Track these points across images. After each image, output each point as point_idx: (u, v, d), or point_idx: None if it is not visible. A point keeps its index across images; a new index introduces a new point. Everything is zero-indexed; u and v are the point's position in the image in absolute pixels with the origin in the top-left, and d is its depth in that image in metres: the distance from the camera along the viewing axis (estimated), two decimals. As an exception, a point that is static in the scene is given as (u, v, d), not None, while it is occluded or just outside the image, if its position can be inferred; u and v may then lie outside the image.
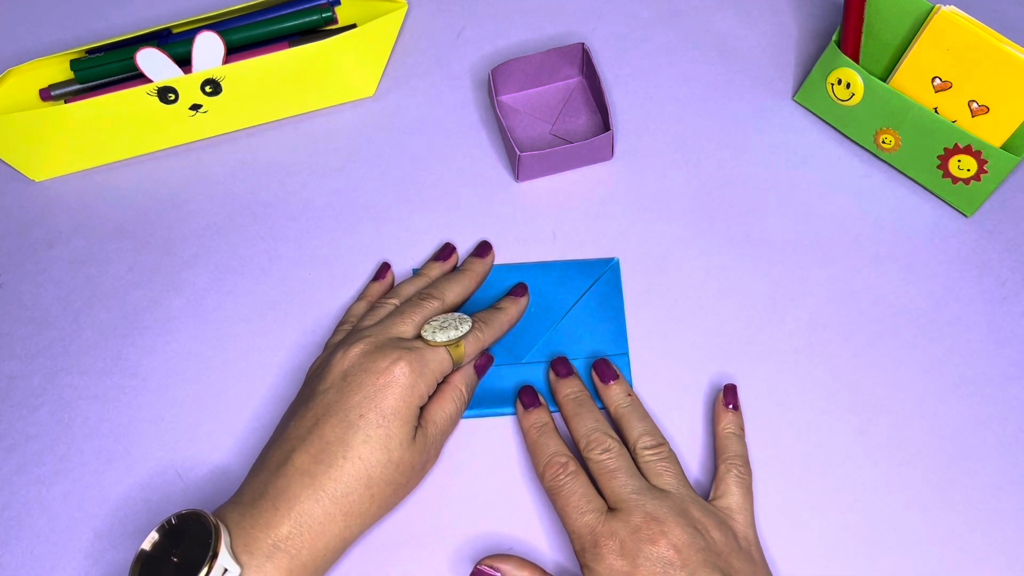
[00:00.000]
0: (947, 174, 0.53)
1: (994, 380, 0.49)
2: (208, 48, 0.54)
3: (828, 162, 0.56)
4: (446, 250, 0.53)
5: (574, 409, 0.46)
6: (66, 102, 0.56)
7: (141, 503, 0.47)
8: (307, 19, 0.58)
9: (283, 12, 0.58)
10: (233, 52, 0.56)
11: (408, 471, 0.42)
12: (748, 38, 0.62)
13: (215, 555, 0.36)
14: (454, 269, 0.52)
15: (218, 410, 0.49)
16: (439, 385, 0.45)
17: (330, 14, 0.58)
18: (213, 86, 0.55)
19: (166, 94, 0.54)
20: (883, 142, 0.54)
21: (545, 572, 0.41)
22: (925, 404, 0.49)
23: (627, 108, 0.59)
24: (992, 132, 0.50)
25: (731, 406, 0.47)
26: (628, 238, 0.54)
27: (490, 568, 0.41)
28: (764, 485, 0.46)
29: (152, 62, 0.53)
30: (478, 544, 0.45)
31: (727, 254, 0.53)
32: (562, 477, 0.43)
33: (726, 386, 0.48)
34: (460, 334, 0.44)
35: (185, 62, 0.54)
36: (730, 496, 0.44)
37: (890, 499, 0.46)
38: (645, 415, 0.46)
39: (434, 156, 0.57)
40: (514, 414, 0.48)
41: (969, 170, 0.51)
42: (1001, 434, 0.48)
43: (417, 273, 0.51)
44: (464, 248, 0.54)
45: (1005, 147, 0.51)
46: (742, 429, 0.47)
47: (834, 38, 0.54)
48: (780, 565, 0.44)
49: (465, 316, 0.46)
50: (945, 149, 0.51)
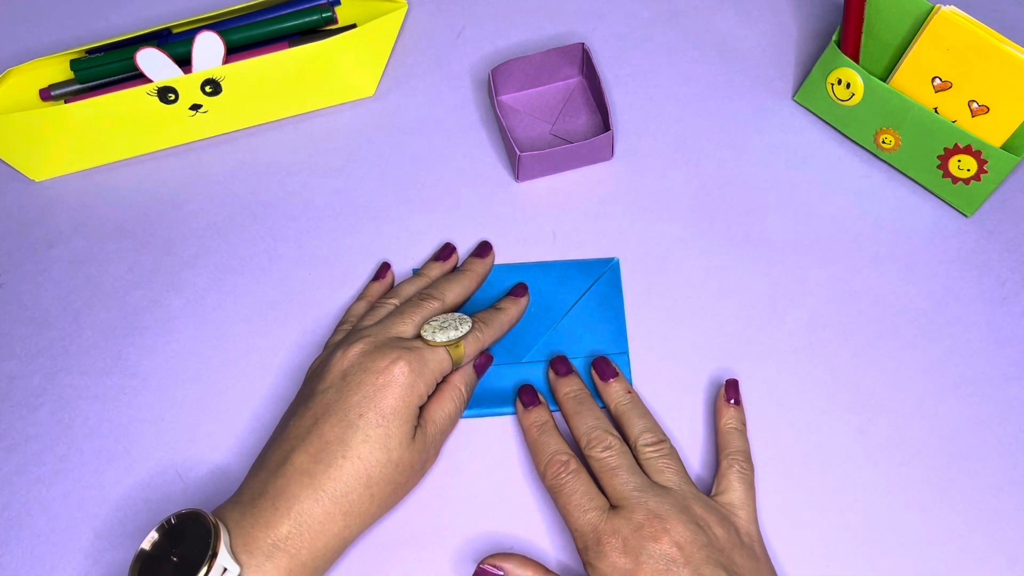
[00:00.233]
0: (947, 174, 0.53)
1: (994, 380, 0.49)
2: (208, 48, 0.54)
3: (828, 162, 0.56)
4: (446, 250, 0.53)
5: (574, 407, 0.46)
6: (66, 102, 0.56)
7: (141, 503, 0.47)
8: (307, 19, 0.58)
9: (283, 12, 0.58)
10: (233, 52, 0.56)
11: (407, 470, 0.42)
12: (748, 38, 0.62)
13: (214, 554, 0.36)
14: (454, 269, 0.52)
15: (218, 410, 0.49)
16: (438, 385, 0.45)
17: (330, 14, 0.58)
18: (213, 86, 0.55)
19: (166, 94, 0.54)
20: (883, 142, 0.54)
21: (548, 570, 0.41)
22: (925, 404, 0.49)
23: (627, 108, 0.59)
24: (992, 132, 0.50)
25: (733, 401, 0.47)
26: (628, 238, 0.54)
27: (493, 567, 0.41)
28: (765, 485, 0.46)
29: (152, 62, 0.53)
30: (479, 544, 0.45)
31: (727, 254, 0.53)
32: (563, 475, 0.43)
33: (728, 381, 0.48)
34: (460, 334, 0.44)
35: (185, 62, 0.54)
36: (732, 492, 0.44)
37: (890, 499, 0.46)
38: (645, 412, 0.46)
39: (434, 156, 0.57)
40: (514, 414, 0.48)
41: (969, 170, 0.51)
42: (1001, 434, 0.48)
43: (417, 273, 0.51)
44: (464, 248, 0.54)
45: (1005, 147, 0.51)
46: (744, 424, 0.47)
47: (834, 38, 0.54)
48: (781, 565, 0.44)
49: (465, 316, 0.46)
50: (945, 149, 0.51)
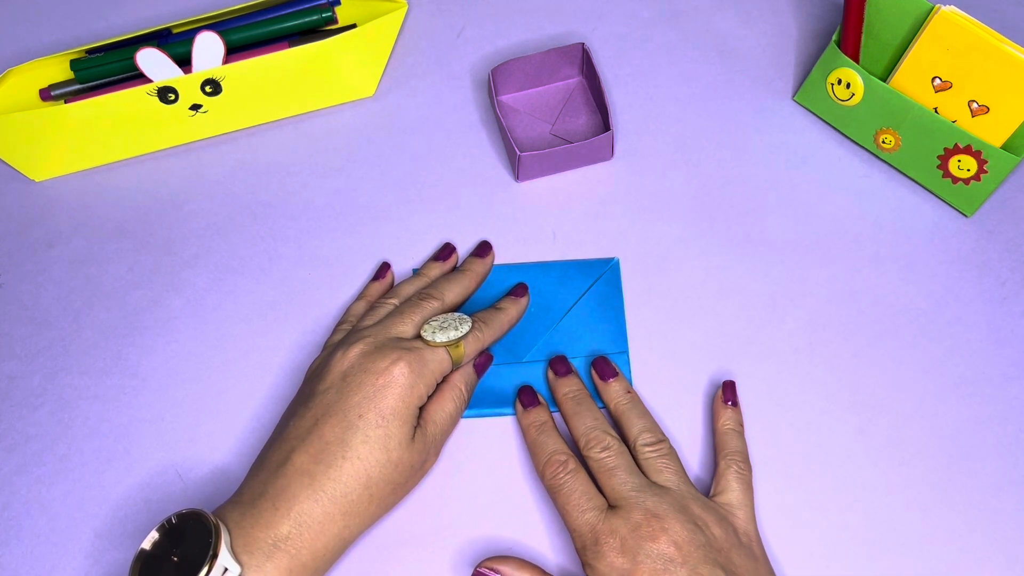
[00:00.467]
0: (947, 174, 0.53)
1: (994, 380, 0.49)
2: (208, 48, 0.54)
3: (828, 162, 0.56)
4: (446, 250, 0.53)
5: (573, 407, 0.46)
6: (66, 102, 0.56)
7: (141, 503, 0.47)
8: (307, 19, 0.58)
9: (283, 12, 0.58)
10: (233, 52, 0.56)
11: (407, 471, 0.43)
12: (748, 38, 0.62)
13: (215, 555, 0.36)
14: (454, 269, 0.52)
15: (218, 410, 0.49)
16: (438, 385, 0.45)
17: (330, 14, 0.58)
18: (213, 86, 0.55)
19: (166, 94, 0.54)
20: (883, 142, 0.54)
21: (545, 573, 0.41)
22: (925, 404, 0.49)
23: (627, 108, 0.59)
24: (992, 132, 0.50)
25: (730, 402, 0.47)
26: (628, 238, 0.54)
27: (490, 570, 0.41)
28: (764, 485, 0.46)
29: (152, 62, 0.53)
30: (478, 544, 0.45)
31: (727, 254, 0.53)
32: (562, 475, 0.43)
33: (725, 382, 0.48)
34: (460, 334, 0.44)
35: (185, 62, 0.54)
36: (730, 492, 0.44)
37: (890, 499, 0.46)
38: (645, 412, 0.46)
39: (434, 156, 0.57)
40: (514, 414, 0.48)
41: (969, 170, 0.51)
42: (1001, 434, 0.48)
43: (417, 273, 0.51)
44: (464, 248, 0.54)
45: (1005, 147, 0.51)
46: (741, 425, 0.47)
47: (834, 38, 0.54)
48: (780, 565, 0.44)
49: (465, 316, 0.46)
50: (945, 149, 0.51)
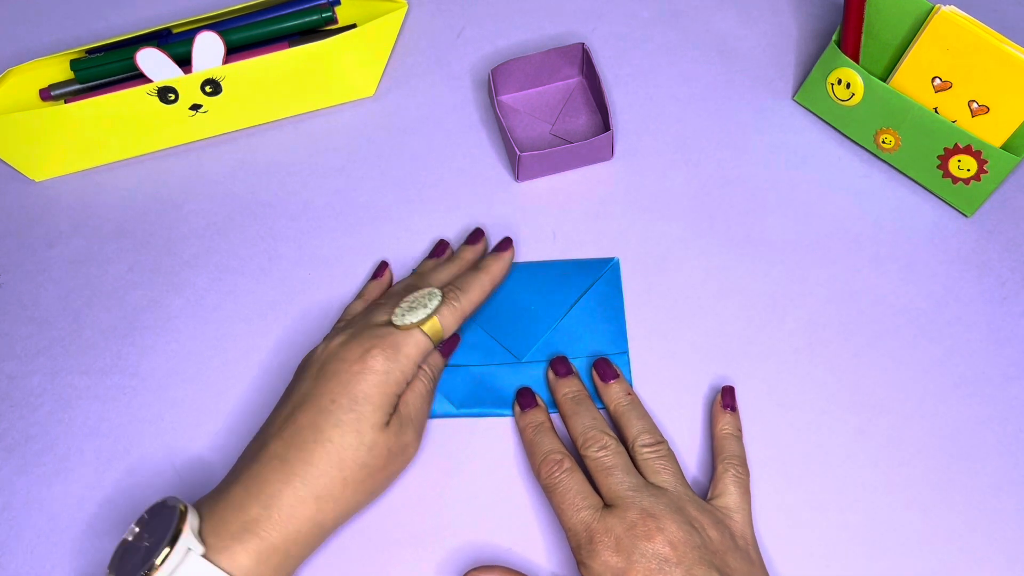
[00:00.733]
0: (947, 174, 0.53)
1: (994, 380, 0.49)
2: (208, 48, 0.54)
3: (828, 162, 0.56)
4: (440, 247, 0.53)
5: (572, 408, 0.46)
6: (66, 102, 0.56)
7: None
8: (307, 19, 0.58)
9: (283, 12, 0.58)
10: (233, 52, 0.56)
11: (383, 454, 0.42)
12: (748, 38, 0.62)
13: (176, 535, 0.36)
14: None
15: (218, 410, 0.49)
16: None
17: (330, 14, 0.58)
18: (213, 86, 0.55)
19: (166, 94, 0.54)
20: (883, 142, 0.54)
21: None
22: (925, 404, 0.49)
23: (627, 108, 0.59)
24: (992, 132, 0.50)
25: (729, 407, 0.47)
26: (628, 238, 0.54)
27: None
28: (764, 485, 0.46)
29: (152, 62, 0.53)
30: (477, 544, 0.45)
31: (727, 254, 0.53)
32: (557, 474, 0.43)
33: (724, 388, 0.48)
34: (429, 311, 0.44)
35: (185, 62, 0.54)
36: (728, 495, 0.44)
37: (890, 499, 0.46)
38: (644, 414, 0.46)
39: (434, 156, 0.57)
40: (513, 415, 0.48)
41: (969, 170, 0.51)
42: (1001, 434, 0.48)
43: (414, 272, 0.52)
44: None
45: (1005, 147, 0.51)
46: (740, 430, 0.47)
47: (834, 38, 0.54)
48: (780, 565, 0.44)
49: (435, 291, 0.45)
50: (945, 149, 0.51)
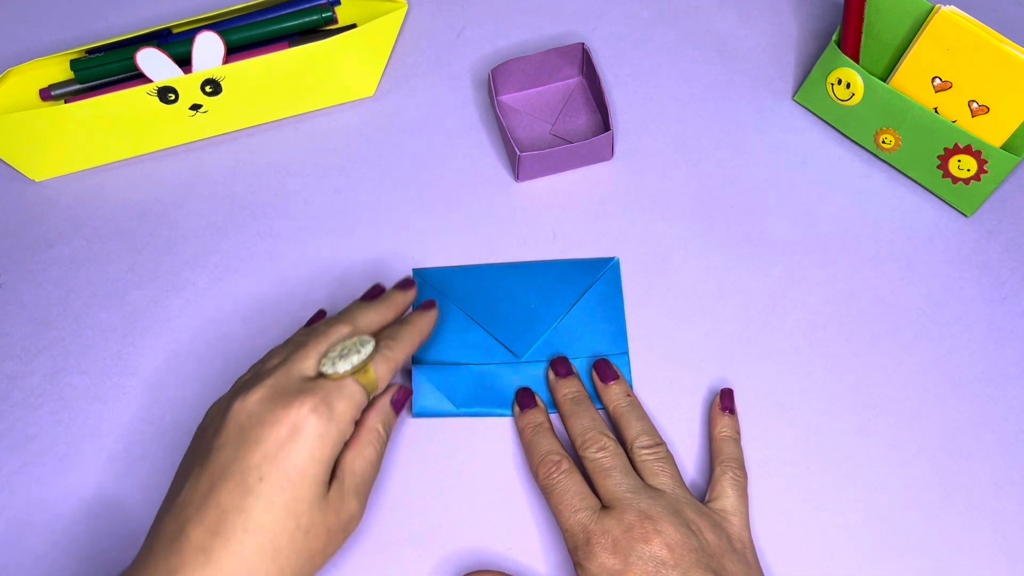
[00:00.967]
0: (947, 174, 0.53)
1: (994, 380, 0.49)
2: (208, 48, 0.54)
3: (828, 162, 0.56)
4: (374, 290, 0.47)
5: (571, 408, 0.46)
6: (66, 102, 0.56)
7: (141, 504, 0.47)
8: (307, 19, 0.58)
9: (283, 12, 0.58)
10: (233, 52, 0.56)
11: (323, 535, 0.37)
12: (748, 38, 0.62)
13: None
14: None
15: (218, 410, 0.49)
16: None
17: (330, 14, 0.58)
18: (213, 86, 0.55)
19: (166, 94, 0.54)
20: (883, 142, 0.54)
21: None
22: (925, 404, 0.49)
23: (627, 108, 0.59)
24: (992, 132, 0.50)
25: (727, 410, 0.47)
26: (628, 238, 0.54)
27: None
28: (764, 485, 0.46)
29: (152, 62, 0.53)
30: (476, 544, 0.45)
31: (727, 254, 0.53)
32: (555, 475, 0.43)
33: (723, 390, 0.48)
34: (363, 357, 0.39)
35: (185, 62, 0.54)
36: (725, 498, 0.44)
37: (890, 499, 0.46)
38: (643, 415, 0.46)
39: (434, 156, 0.57)
40: (513, 416, 0.48)
41: (969, 170, 0.51)
42: (1001, 434, 0.48)
43: (340, 313, 0.44)
44: (463, 247, 0.53)
45: (1005, 147, 0.51)
46: (738, 433, 0.47)
47: (834, 38, 0.54)
48: (780, 565, 0.44)
49: (366, 337, 0.40)
50: (945, 149, 0.51)
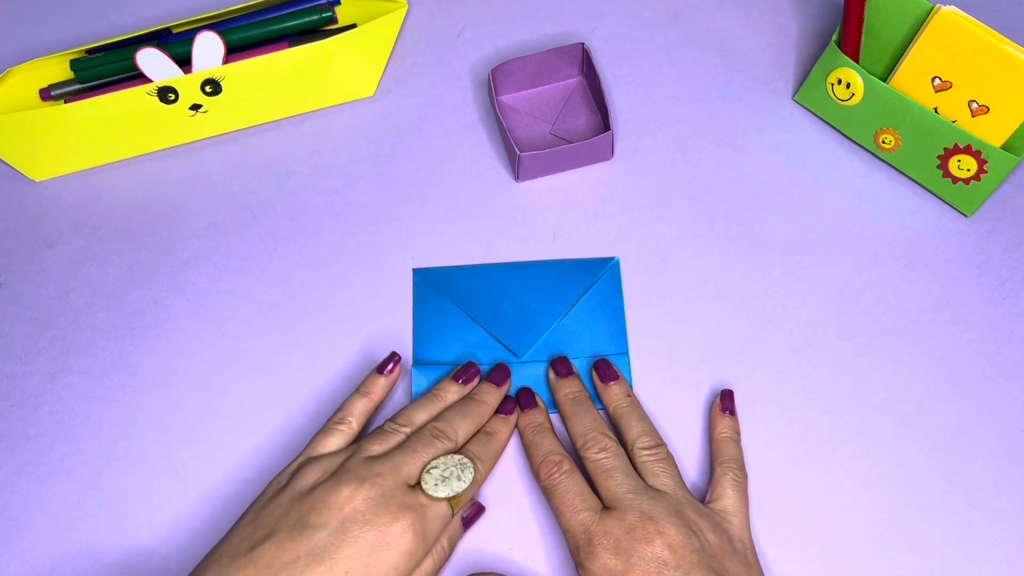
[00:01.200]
0: (947, 174, 0.53)
1: (994, 380, 0.49)
2: (208, 48, 0.54)
3: (828, 162, 0.56)
4: (468, 371, 0.48)
5: (572, 408, 0.46)
6: (66, 102, 0.56)
7: (141, 503, 0.47)
8: (307, 19, 0.58)
9: (283, 12, 0.58)
10: (233, 52, 0.56)
11: None
12: (748, 38, 0.62)
13: None
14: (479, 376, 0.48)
15: (218, 410, 0.49)
16: None
17: (330, 14, 0.58)
18: (213, 86, 0.55)
19: (166, 94, 0.54)
20: (883, 142, 0.54)
21: None
22: (925, 404, 0.49)
23: (627, 108, 0.59)
24: (992, 132, 0.50)
25: (727, 411, 0.47)
26: (628, 238, 0.54)
27: None
28: (764, 485, 0.46)
29: (152, 62, 0.53)
30: (476, 544, 0.45)
31: (727, 254, 0.53)
32: (557, 475, 0.43)
33: (723, 391, 0.48)
34: (464, 486, 0.41)
35: (185, 62, 0.54)
36: (726, 499, 0.44)
37: (890, 499, 0.46)
38: (644, 416, 0.46)
39: (434, 156, 0.57)
40: (514, 414, 0.48)
41: (969, 170, 0.51)
42: (1001, 434, 0.48)
43: (431, 392, 0.47)
44: (463, 247, 0.53)
45: (1005, 147, 0.51)
46: (738, 434, 0.47)
47: (834, 38, 0.54)
48: (781, 566, 0.44)
49: (467, 461, 0.42)
50: (945, 149, 0.51)
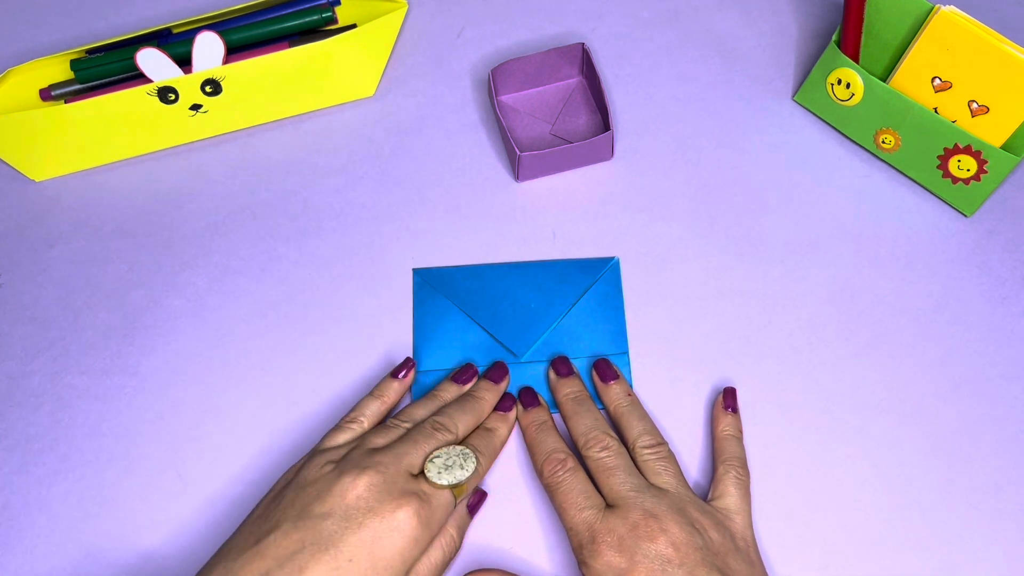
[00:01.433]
0: (947, 174, 0.53)
1: (994, 380, 0.49)
2: (208, 48, 0.54)
3: (828, 162, 0.56)
4: (467, 372, 0.48)
5: (573, 408, 0.46)
6: (66, 102, 0.56)
7: (141, 503, 0.47)
8: (307, 19, 0.58)
9: (283, 12, 0.58)
10: (233, 52, 0.56)
11: None
12: (748, 38, 0.62)
13: None
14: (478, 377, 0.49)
15: (218, 410, 0.49)
16: None
17: (330, 14, 0.58)
18: (213, 86, 0.55)
19: (166, 94, 0.54)
20: (883, 142, 0.54)
21: None
22: (925, 404, 0.49)
23: (627, 108, 0.59)
24: (992, 132, 0.50)
25: (730, 409, 0.47)
26: (628, 238, 0.54)
27: None
28: (764, 485, 0.46)
29: (152, 62, 0.53)
30: (478, 543, 0.45)
31: (727, 254, 0.53)
32: (560, 473, 0.43)
33: (725, 389, 0.48)
34: (466, 475, 0.42)
35: (185, 62, 0.54)
36: (728, 497, 0.44)
37: (890, 499, 0.46)
38: (644, 415, 0.46)
39: (434, 156, 0.57)
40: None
41: (969, 170, 0.51)
42: (1001, 434, 0.48)
43: (430, 393, 0.47)
44: (463, 247, 0.53)
45: (1005, 147, 0.51)
46: (740, 432, 0.47)
47: (834, 38, 0.54)
48: (780, 566, 0.44)
49: (468, 452, 0.43)
50: (945, 149, 0.51)
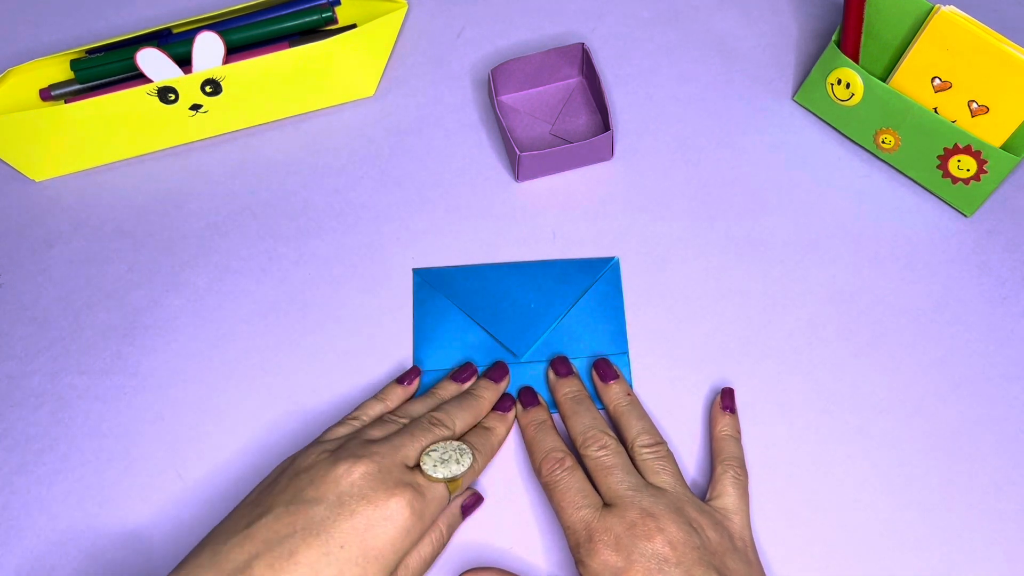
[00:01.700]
0: (947, 174, 0.53)
1: (994, 380, 0.49)
2: (208, 48, 0.54)
3: (828, 162, 0.56)
4: (466, 371, 0.49)
5: (572, 407, 0.46)
6: (66, 102, 0.56)
7: (141, 503, 0.47)
8: (307, 19, 0.58)
9: (283, 12, 0.58)
10: (233, 52, 0.56)
11: None
12: (748, 38, 0.62)
13: None
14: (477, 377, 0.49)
15: (218, 410, 0.49)
16: None
17: (330, 14, 0.58)
18: (213, 86, 0.55)
19: (166, 94, 0.54)
20: (883, 142, 0.54)
21: None
22: (925, 404, 0.49)
23: (627, 108, 0.59)
24: (992, 132, 0.50)
25: (728, 409, 0.47)
26: (628, 238, 0.54)
27: None
28: (764, 485, 0.46)
29: (152, 62, 0.53)
30: (476, 543, 0.45)
31: (727, 254, 0.53)
32: (558, 472, 0.43)
33: (723, 389, 0.48)
34: (462, 469, 0.42)
35: (185, 62, 0.54)
36: (726, 497, 0.44)
37: (890, 499, 0.46)
38: (643, 414, 0.46)
39: (434, 156, 0.57)
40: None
41: (969, 170, 0.51)
42: (1001, 434, 0.48)
43: (429, 391, 0.48)
44: (463, 247, 0.53)
45: (1005, 147, 0.51)
46: (739, 432, 0.47)
47: (834, 38, 0.54)
48: (779, 567, 0.44)
49: (465, 447, 0.43)
50: (945, 149, 0.51)
